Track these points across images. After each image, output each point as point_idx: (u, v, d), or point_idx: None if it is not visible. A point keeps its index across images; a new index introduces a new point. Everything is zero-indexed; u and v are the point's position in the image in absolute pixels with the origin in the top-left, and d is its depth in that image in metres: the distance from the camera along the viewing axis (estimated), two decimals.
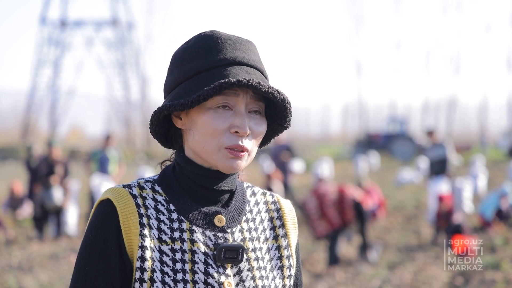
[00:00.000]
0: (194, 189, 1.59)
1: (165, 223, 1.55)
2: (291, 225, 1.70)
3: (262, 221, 1.66)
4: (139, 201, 1.55)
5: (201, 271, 1.53)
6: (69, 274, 8.14)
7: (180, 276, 1.52)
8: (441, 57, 76.23)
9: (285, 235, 1.68)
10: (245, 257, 1.58)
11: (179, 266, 1.53)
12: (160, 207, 1.57)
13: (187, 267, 1.53)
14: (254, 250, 1.61)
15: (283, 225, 1.68)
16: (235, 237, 1.59)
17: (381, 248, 9.42)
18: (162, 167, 1.67)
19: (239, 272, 1.57)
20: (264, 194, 1.71)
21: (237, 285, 1.56)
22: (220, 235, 1.57)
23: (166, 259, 1.53)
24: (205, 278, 1.53)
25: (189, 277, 1.52)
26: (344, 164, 28.02)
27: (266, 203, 1.69)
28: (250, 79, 1.50)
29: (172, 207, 1.57)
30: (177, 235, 1.55)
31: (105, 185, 10.42)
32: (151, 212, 1.55)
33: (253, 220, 1.64)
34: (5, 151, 35.79)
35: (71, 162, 13.63)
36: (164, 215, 1.56)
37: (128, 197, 1.55)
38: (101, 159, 11.51)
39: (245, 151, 1.55)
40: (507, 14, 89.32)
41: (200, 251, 1.54)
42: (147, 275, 1.51)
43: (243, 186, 1.69)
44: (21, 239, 10.95)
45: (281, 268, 1.65)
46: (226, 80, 1.50)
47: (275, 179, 11.58)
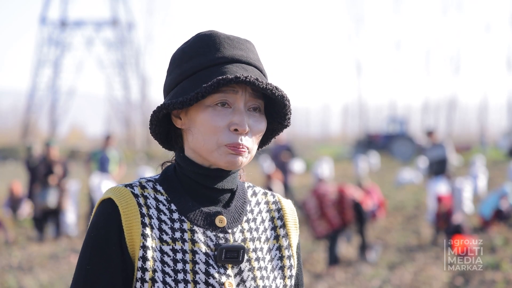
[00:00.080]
0: (194, 189, 1.59)
1: (167, 223, 1.55)
2: (292, 225, 1.70)
3: (263, 221, 1.66)
4: (141, 201, 1.55)
5: (202, 272, 1.53)
6: (69, 274, 8.13)
7: (181, 276, 1.52)
8: (441, 57, 76.27)
9: (286, 235, 1.67)
10: (246, 258, 1.58)
11: (180, 266, 1.53)
12: (161, 207, 1.57)
13: (188, 267, 1.53)
14: (255, 250, 1.61)
15: (284, 225, 1.68)
16: (236, 237, 1.59)
17: (381, 248, 9.42)
18: (162, 168, 1.67)
19: (240, 272, 1.57)
20: (265, 194, 1.71)
21: (238, 285, 1.56)
22: (221, 235, 1.57)
23: (167, 259, 1.53)
24: (206, 278, 1.53)
25: (190, 277, 1.52)
26: (344, 164, 28.02)
27: (267, 203, 1.69)
28: (248, 76, 1.50)
29: (173, 207, 1.57)
30: (178, 235, 1.55)
31: (105, 185, 10.42)
32: (153, 211, 1.55)
33: (254, 220, 1.64)
34: (5, 151, 35.78)
35: (70, 162, 13.64)
36: (165, 215, 1.56)
37: (130, 197, 1.55)
38: (101, 159, 11.51)
39: (244, 148, 1.55)
40: (507, 14, 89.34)
41: (201, 252, 1.54)
42: (148, 275, 1.51)
43: (244, 186, 1.69)
44: (21, 239, 10.95)
45: (282, 268, 1.65)
46: (224, 76, 1.50)
47: (275, 179, 11.57)
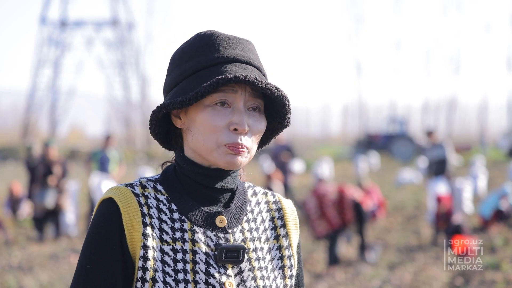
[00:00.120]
0: (194, 188, 1.59)
1: (167, 223, 1.55)
2: (292, 225, 1.70)
3: (263, 221, 1.66)
4: (142, 200, 1.55)
5: (202, 272, 1.53)
6: (69, 274, 8.13)
7: (181, 276, 1.52)
8: (441, 57, 76.14)
9: (286, 235, 1.67)
10: (246, 258, 1.58)
11: (180, 266, 1.53)
12: (162, 206, 1.57)
13: (188, 267, 1.53)
14: (255, 250, 1.61)
15: (284, 225, 1.68)
16: (236, 237, 1.59)
17: (381, 248, 9.42)
18: (162, 168, 1.67)
19: (240, 272, 1.57)
20: (265, 194, 1.71)
21: (238, 285, 1.56)
22: (221, 235, 1.57)
23: (167, 259, 1.53)
24: (206, 278, 1.53)
25: (190, 277, 1.52)
26: (344, 164, 28.01)
27: (267, 203, 1.69)
28: (247, 75, 1.50)
29: (174, 207, 1.57)
30: (178, 235, 1.55)
31: (105, 185, 10.41)
32: (153, 211, 1.56)
33: (254, 220, 1.64)
34: (5, 151, 35.77)
35: (69, 162, 13.63)
36: (166, 214, 1.56)
37: (130, 196, 1.55)
38: (101, 159, 11.51)
39: (244, 148, 1.55)
40: (507, 14, 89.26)
41: (201, 252, 1.55)
42: (149, 275, 1.51)
43: (244, 186, 1.69)
44: (21, 239, 10.95)
45: (282, 268, 1.65)
46: (223, 76, 1.50)
47: (275, 179, 11.57)
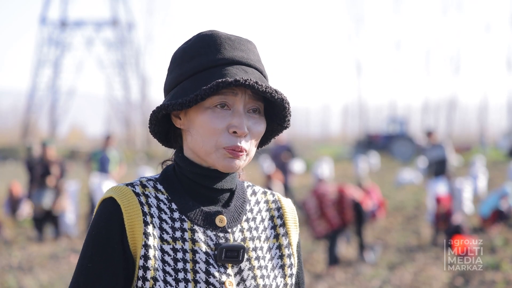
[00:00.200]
0: (194, 188, 1.59)
1: (167, 222, 1.56)
2: (292, 223, 1.70)
3: (262, 220, 1.66)
4: (142, 199, 1.56)
5: (202, 271, 1.54)
6: (69, 274, 8.13)
7: (181, 275, 1.53)
8: (441, 57, 76.06)
9: (286, 234, 1.68)
10: (245, 257, 1.59)
11: (180, 265, 1.53)
12: (162, 205, 1.57)
13: (189, 266, 1.53)
14: (254, 249, 1.61)
15: (283, 224, 1.69)
16: (235, 237, 1.59)
17: (381, 248, 9.42)
18: (162, 167, 1.67)
19: (240, 271, 1.58)
20: (264, 193, 1.71)
21: (238, 284, 1.56)
22: (221, 235, 1.58)
23: (167, 258, 1.53)
24: (206, 277, 1.53)
25: (190, 276, 1.53)
26: (344, 164, 28.01)
27: (266, 202, 1.69)
28: (247, 79, 1.50)
29: (174, 206, 1.57)
30: (178, 234, 1.55)
31: (105, 185, 10.42)
32: (154, 210, 1.56)
33: (254, 219, 1.65)
34: (5, 151, 35.77)
35: (69, 162, 13.63)
36: (166, 214, 1.57)
37: (131, 195, 1.55)
38: (101, 159, 11.51)
39: (243, 151, 1.55)
40: (507, 14, 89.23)
41: (201, 251, 1.55)
42: (149, 274, 1.52)
43: (243, 185, 1.69)
44: (21, 239, 10.95)
45: (282, 267, 1.65)
46: (223, 79, 1.50)
47: (275, 179, 11.56)
